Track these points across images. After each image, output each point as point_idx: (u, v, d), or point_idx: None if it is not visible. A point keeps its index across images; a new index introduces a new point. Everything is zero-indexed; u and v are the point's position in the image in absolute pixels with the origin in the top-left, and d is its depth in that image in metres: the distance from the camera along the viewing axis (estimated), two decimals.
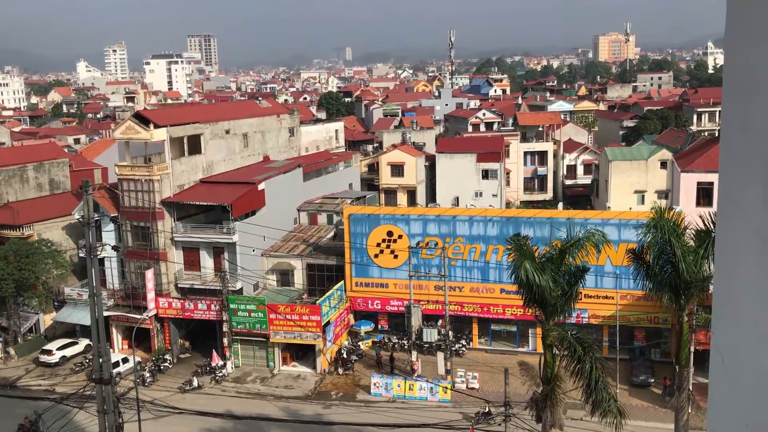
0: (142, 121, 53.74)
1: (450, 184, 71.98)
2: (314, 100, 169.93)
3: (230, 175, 58.63)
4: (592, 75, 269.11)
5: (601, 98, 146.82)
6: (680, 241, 27.30)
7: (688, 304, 28.61)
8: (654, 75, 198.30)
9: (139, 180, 52.98)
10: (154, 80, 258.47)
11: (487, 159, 71.84)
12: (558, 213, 52.50)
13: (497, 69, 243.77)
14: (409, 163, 74.38)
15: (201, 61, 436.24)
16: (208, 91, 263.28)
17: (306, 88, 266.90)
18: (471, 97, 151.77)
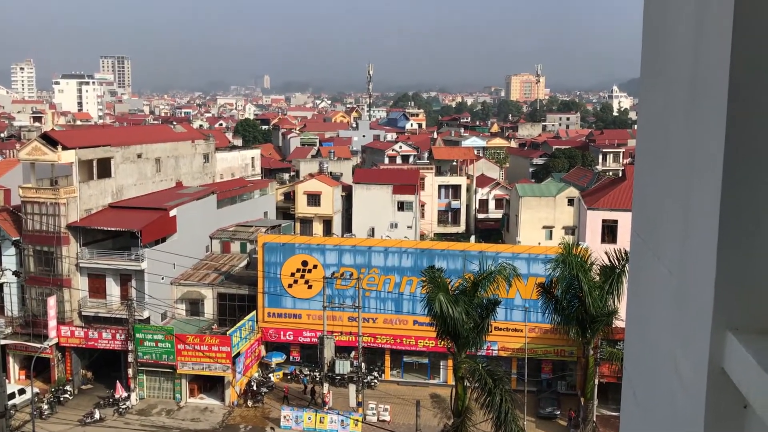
0: (49, 142, 51.75)
1: (366, 214, 72.19)
2: (231, 126, 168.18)
3: (141, 201, 57.07)
4: (504, 113, 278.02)
5: (513, 136, 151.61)
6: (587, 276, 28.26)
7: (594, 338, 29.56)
8: (563, 115, 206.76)
9: (44, 203, 50.77)
10: (63, 101, 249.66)
11: (402, 191, 72.59)
12: (471, 246, 53.47)
13: (414, 103, 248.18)
14: (326, 193, 74.31)
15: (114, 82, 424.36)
16: (121, 114, 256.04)
17: (222, 115, 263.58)
18: (388, 130, 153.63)
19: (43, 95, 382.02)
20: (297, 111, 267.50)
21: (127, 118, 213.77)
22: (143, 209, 54.52)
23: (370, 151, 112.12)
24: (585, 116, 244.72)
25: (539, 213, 68.02)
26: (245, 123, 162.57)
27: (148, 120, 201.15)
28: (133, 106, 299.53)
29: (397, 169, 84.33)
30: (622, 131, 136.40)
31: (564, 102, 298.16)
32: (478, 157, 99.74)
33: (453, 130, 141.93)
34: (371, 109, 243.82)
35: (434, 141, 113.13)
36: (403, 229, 71.48)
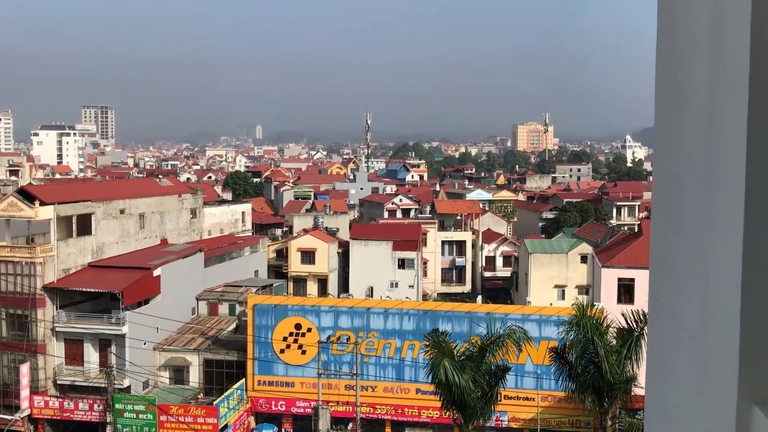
0: (26, 197, 52.07)
1: (364, 273, 72.01)
2: (220, 179, 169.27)
3: (123, 259, 57.11)
4: (510, 164, 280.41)
5: (520, 188, 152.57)
6: (603, 340, 28.03)
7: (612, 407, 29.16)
8: (573, 166, 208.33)
9: (19, 262, 50.74)
10: (42, 153, 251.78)
11: (403, 247, 72.60)
12: (477, 307, 53.21)
13: (414, 154, 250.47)
14: (321, 250, 74.30)
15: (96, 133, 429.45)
16: (103, 167, 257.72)
17: (211, 167, 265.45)
18: (387, 182, 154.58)
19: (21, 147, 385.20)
20: (291, 162, 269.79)
21: (110, 171, 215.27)
22: (125, 269, 54.44)
23: (369, 205, 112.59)
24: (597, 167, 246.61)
25: (550, 271, 67.90)
26: (235, 175, 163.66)
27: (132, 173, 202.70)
28: (116, 158, 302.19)
29: (397, 223, 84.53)
30: (637, 183, 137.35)
31: (574, 152, 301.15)
32: (484, 211, 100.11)
33: (456, 182, 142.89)
34: (369, 160, 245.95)
35: (437, 194, 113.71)
36: (404, 288, 71.18)
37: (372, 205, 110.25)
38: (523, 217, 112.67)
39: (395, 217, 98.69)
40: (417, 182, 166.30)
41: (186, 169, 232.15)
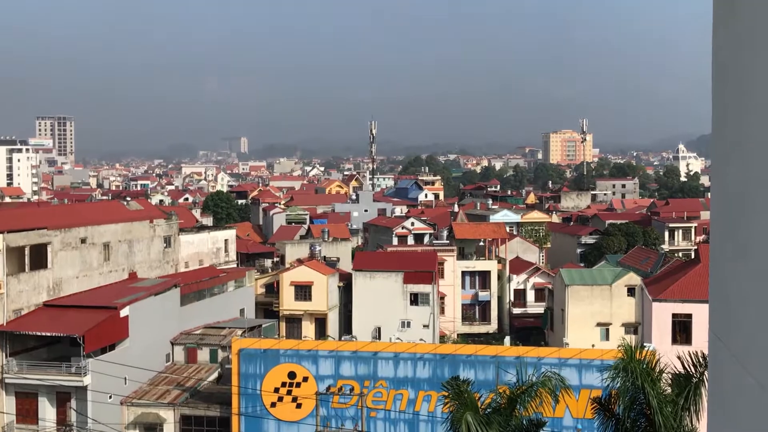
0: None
1: (370, 310, 71.83)
2: (198, 201, 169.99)
3: (85, 297, 57.27)
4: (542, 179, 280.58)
5: (554, 208, 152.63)
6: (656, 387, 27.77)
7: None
8: (616, 182, 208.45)
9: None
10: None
11: (416, 280, 72.47)
12: (505, 350, 52.96)
13: (428, 169, 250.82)
14: (319, 284, 74.26)
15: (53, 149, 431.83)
16: (61, 188, 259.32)
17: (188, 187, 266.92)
18: (396, 203, 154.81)
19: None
20: (282, 180, 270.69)
21: (69, 193, 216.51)
22: (87, 308, 54.56)
23: (375, 230, 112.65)
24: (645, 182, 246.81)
25: (591, 306, 67.62)
26: (217, 197, 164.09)
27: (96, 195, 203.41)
28: (76, 177, 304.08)
29: (408, 251, 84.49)
30: (693, 201, 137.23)
31: (617, 165, 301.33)
32: (512, 236, 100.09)
33: (478, 202, 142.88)
34: (375, 176, 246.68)
35: (455, 216, 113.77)
36: (417, 328, 70.94)
37: (378, 229, 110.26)
38: (558, 242, 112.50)
39: (406, 243, 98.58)
40: (431, 202, 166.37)
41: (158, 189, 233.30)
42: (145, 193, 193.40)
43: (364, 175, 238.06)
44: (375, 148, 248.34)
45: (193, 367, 59.40)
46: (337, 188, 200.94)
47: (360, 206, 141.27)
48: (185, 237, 77.03)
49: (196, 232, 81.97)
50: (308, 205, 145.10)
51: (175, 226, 73.23)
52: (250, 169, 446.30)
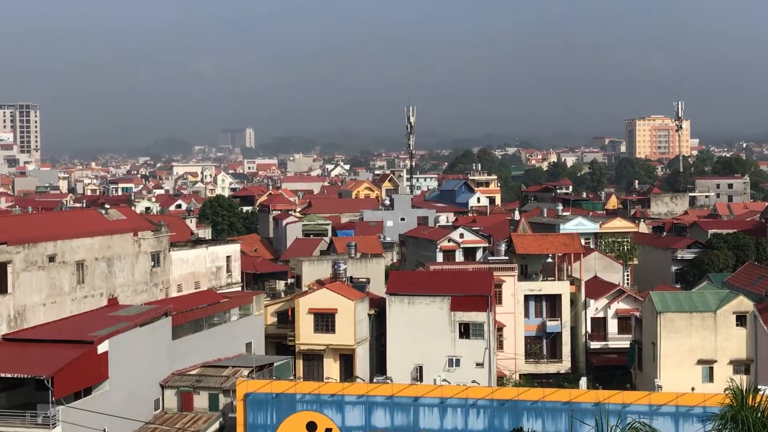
0: None
1: (409, 345, 71.61)
2: (194, 208, 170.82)
3: (54, 329, 57.57)
4: (626, 178, 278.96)
5: (642, 214, 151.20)
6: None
7: None
8: (721, 180, 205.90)
9: None
10: None
11: (467, 306, 72.12)
12: (581, 395, 52.51)
13: (481, 166, 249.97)
14: (344, 311, 74.16)
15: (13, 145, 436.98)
16: (23, 193, 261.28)
17: (181, 190, 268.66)
18: (441, 209, 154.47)
19: None
20: (297, 182, 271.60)
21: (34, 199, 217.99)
22: (57, 343, 54.71)
23: (414, 243, 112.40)
24: (757, 181, 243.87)
25: (691, 339, 66.82)
26: (216, 203, 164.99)
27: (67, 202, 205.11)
28: (42, 180, 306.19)
29: (457, 270, 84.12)
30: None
31: (722, 160, 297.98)
32: (588, 250, 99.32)
33: (545, 207, 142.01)
34: (414, 176, 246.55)
35: (515, 225, 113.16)
36: (469, 367, 70.60)
37: (419, 243, 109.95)
38: (647, 257, 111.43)
39: (453, 260, 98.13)
40: (485, 208, 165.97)
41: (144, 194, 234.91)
42: (127, 198, 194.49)
43: (400, 174, 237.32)
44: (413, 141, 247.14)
45: (188, 416, 59.46)
46: (367, 191, 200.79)
47: (395, 214, 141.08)
48: (178, 253, 77.30)
49: (191, 248, 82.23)
50: (330, 213, 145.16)
51: (165, 239, 73.51)
52: (257, 168, 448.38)
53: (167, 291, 72.86)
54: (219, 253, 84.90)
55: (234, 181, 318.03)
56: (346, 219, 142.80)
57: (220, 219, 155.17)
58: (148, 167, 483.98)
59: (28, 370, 52.61)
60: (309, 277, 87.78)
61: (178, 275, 76.23)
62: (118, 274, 67.22)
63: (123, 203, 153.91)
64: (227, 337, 69.15)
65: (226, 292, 78.57)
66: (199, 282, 79.34)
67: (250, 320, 73.40)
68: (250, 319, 73.47)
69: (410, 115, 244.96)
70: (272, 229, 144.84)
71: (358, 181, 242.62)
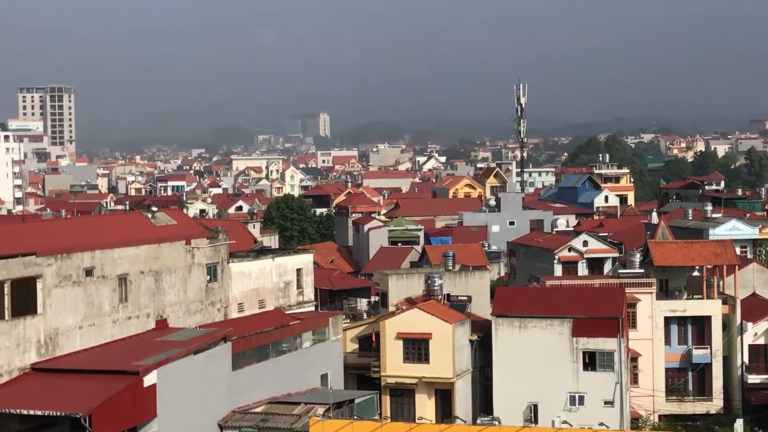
0: None
1: (521, 378, 71.21)
2: (258, 211, 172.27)
3: (92, 357, 58.09)
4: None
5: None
6: None
7: None
8: None
9: None
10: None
11: (592, 330, 71.46)
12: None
13: (609, 157, 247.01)
14: (440, 336, 74.01)
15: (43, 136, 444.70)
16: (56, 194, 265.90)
17: (242, 189, 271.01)
18: (560, 210, 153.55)
19: None
20: (381, 179, 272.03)
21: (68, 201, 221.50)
22: (96, 374, 55.21)
23: (526, 253, 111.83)
24: None
25: None
26: (285, 204, 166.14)
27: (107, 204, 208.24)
28: (78, 177, 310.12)
29: (579, 287, 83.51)
30: None
31: None
32: (745, 261, 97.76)
33: (691, 208, 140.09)
34: (526, 169, 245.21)
35: (653, 230, 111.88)
36: (595, 406, 70.01)
37: (531, 252, 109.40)
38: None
39: (575, 273, 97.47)
40: (615, 209, 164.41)
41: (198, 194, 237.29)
42: (178, 199, 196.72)
43: (509, 168, 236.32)
44: (525, 127, 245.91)
45: None
46: (467, 189, 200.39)
47: (502, 216, 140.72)
48: (238, 265, 77.68)
49: (254, 259, 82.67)
50: (422, 216, 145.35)
51: (223, 249, 73.90)
52: (333, 161, 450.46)
53: (226, 311, 73.15)
54: (288, 265, 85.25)
55: (305, 177, 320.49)
56: (441, 223, 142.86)
57: (288, 223, 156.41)
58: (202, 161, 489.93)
59: (62, 407, 53.01)
60: (397, 294, 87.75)
61: (239, 292, 76.48)
62: (168, 291, 67.55)
63: (173, 205, 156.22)
64: (298, 368, 69.22)
65: (296, 312, 78.66)
66: (264, 300, 79.65)
67: (325, 347, 73.42)
68: (325, 345, 73.48)
69: (520, 95, 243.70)
70: (352, 235, 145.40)
71: (457, 176, 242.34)
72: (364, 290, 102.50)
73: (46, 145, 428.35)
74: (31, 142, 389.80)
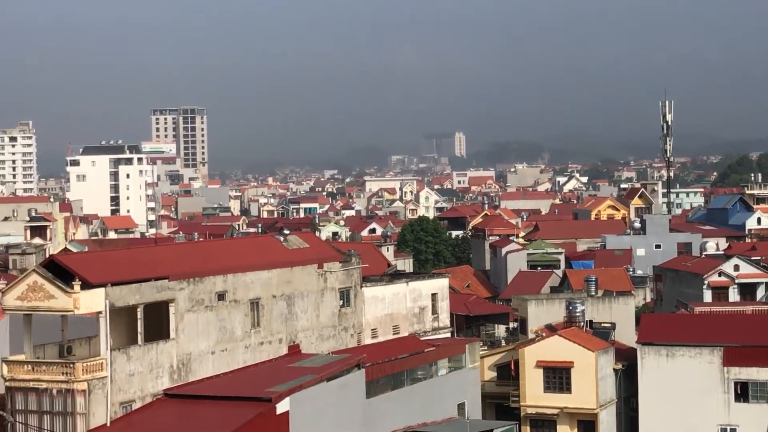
0: (58, 274, 54.82)
1: (667, 409, 70.33)
2: (391, 233, 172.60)
3: (224, 383, 58.74)
4: None
5: None
6: None
7: None
8: None
9: (46, 391, 53.47)
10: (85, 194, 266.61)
11: (745, 359, 70.14)
12: None
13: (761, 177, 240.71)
14: (582, 365, 73.31)
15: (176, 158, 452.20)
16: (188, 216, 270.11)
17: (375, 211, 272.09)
18: (709, 232, 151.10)
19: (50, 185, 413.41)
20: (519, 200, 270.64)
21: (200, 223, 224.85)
22: (228, 400, 55.67)
23: (673, 277, 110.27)
24: None
25: None
26: (419, 226, 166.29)
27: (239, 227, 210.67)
28: (210, 199, 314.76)
29: (731, 313, 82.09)
30: None
31: None
32: None
33: None
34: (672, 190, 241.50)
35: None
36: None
37: (680, 277, 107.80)
38: None
39: (726, 299, 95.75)
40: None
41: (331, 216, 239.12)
42: (311, 222, 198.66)
43: (654, 188, 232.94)
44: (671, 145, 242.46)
45: None
46: (610, 210, 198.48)
47: (648, 239, 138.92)
48: (372, 290, 77.77)
49: (388, 283, 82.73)
50: (562, 239, 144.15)
51: (356, 273, 74.08)
52: (469, 181, 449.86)
53: (359, 337, 73.31)
54: (423, 290, 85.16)
55: (440, 198, 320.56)
56: (583, 246, 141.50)
57: (423, 246, 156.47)
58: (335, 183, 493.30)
59: None
60: (536, 320, 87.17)
61: (373, 317, 76.60)
62: (300, 316, 67.93)
63: (305, 227, 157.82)
64: (434, 396, 68.97)
65: (432, 339, 78.52)
66: (399, 326, 79.67)
67: (462, 375, 73.13)
68: (462, 373, 73.19)
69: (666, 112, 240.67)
70: (489, 259, 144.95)
71: (599, 197, 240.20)
72: (502, 316, 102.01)
73: (178, 167, 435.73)
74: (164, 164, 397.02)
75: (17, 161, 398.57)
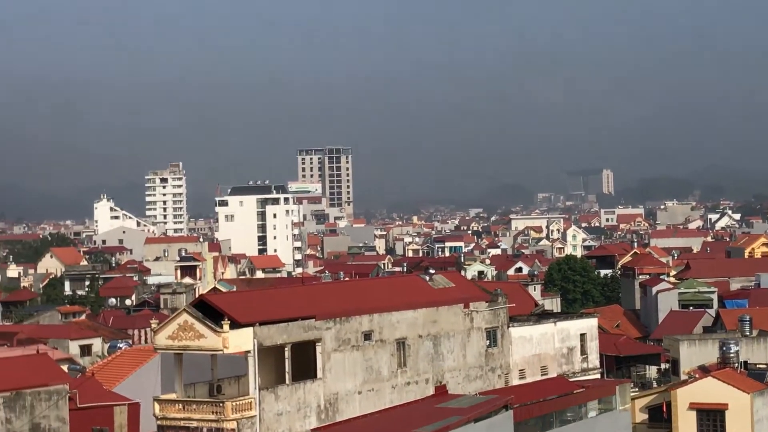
0: (207, 314, 55.98)
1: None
2: (538, 272, 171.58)
3: (371, 423, 58.93)
4: None
5: None
6: None
7: None
8: None
9: (197, 429, 54.40)
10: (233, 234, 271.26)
11: None
12: None
13: None
14: (738, 408, 71.91)
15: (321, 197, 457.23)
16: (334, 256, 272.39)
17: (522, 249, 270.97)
18: None
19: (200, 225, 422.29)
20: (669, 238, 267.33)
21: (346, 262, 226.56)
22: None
23: None
24: None
25: None
26: (566, 265, 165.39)
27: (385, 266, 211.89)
28: (356, 238, 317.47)
29: None
30: None
31: None
32: None
33: None
34: None
35: None
36: None
37: None
38: None
39: None
40: None
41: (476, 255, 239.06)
42: (456, 261, 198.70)
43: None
44: None
45: None
46: (764, 248, 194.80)
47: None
48: (519, 330, 77.48)
49: (535, 323, 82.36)
50: (715, 278, 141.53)
51: (502, 312, 73.82)
52: (617, 219, 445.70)
53: (507, 377, 72.95)
54: (571, 330, 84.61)
55: (588, 236, 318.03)
56: (737, 285, 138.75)
57: (571, 286, 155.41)
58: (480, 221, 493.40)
59: None
60: (689, 361, 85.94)
61: (520, 358, 76.26)
62: (447, 356, 67.84)
63: (451, 266, 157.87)
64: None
65: (581, 380, 77.92)
66: (547, 366, 79.23)
67: (613, 417, 72.22)
68: (613, 415, 72.31)
69: None
70: (639, 298, 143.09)
71: (753, 234, 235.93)
72: (653, 357, 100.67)
73: (324, 206, 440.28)
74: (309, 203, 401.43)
75: (168, 202, 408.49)
